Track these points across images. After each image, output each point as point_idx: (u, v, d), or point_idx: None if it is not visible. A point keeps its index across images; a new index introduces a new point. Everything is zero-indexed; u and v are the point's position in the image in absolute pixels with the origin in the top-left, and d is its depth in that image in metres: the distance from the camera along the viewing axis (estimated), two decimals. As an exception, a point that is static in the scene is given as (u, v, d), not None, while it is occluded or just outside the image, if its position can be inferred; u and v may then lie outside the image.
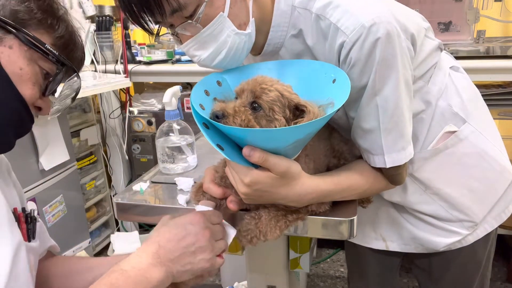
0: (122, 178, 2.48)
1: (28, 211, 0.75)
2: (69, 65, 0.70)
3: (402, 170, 0.79)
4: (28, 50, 0.65)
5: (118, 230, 2.57)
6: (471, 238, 0.96)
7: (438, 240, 0.96)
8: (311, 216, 0.79)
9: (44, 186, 1.85)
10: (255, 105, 0.66)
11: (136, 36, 2.79)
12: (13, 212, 0.70)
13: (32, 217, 0.75)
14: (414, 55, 0.78)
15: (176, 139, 1.05)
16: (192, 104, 0.69)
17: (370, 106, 0.73)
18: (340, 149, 0.85)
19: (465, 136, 0.90)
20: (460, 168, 0.92)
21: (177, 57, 2.25)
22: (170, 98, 1.05)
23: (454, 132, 0.90)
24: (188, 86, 2.47)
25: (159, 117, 2.32)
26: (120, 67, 2.24)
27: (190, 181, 0.96)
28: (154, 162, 2.35)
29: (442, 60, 0.91)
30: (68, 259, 0.90)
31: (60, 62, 0.69)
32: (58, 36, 0.69)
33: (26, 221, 0.73)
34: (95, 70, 2.31)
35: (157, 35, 0.78)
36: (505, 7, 2.10)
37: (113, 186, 2.53)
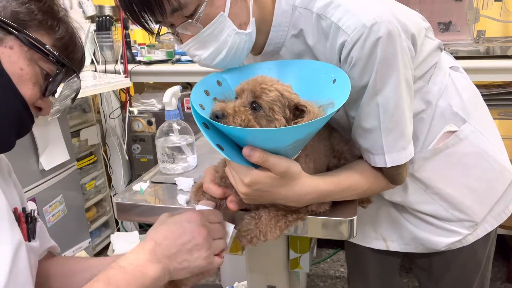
0: (122, 178, 2.48)
1: (28, 211, 0.75)
2: (69, 66, 0.71)
3: (402, 170, 0.79)
4: (28, 51, 0.65)
5: (118, 230, 2.57)
6: (471, 238, 0.96)
7: (439, 239, 0.96)
8: (311, 216, 0.79)
9: (44, 186, 1.85)
10: (255, 105, 0.66)
11: (136, 36, 2.79)
12: (13, 212, 0.70)
13: (32, 217, 0.75)
14: (415, 55, 0.78)
15: (176, 139, 1.05)
16: (192, 104, 0.68)
17: (370, 106, 0.73)
18: (340, 149, 0.85)
19: (465, 136, 0.90)
20: (460, 168, 0.92)
21: (177, 57, 2.25)
22: (170, 98, 1.05)
23: (454, 132, 0.90)
24: (188, 86, 2.47)
25: (159, 117, 2.32)
26: (120, 67, 2.24)
27: (190, 181, 0.96)
28: (154, 162, 2.35)
29: (442, 60, 0.91)
30: (68, 260, 0.90)
31: (60, 63, 0.69)
32: (59, 37, 0.69)
33: (26, 221, 0.74)
34: (95, 70, 2.31)
35: (157, 35, 0.78)
36: (505, 7, 2.10)
37: (113, 186, 2.53)
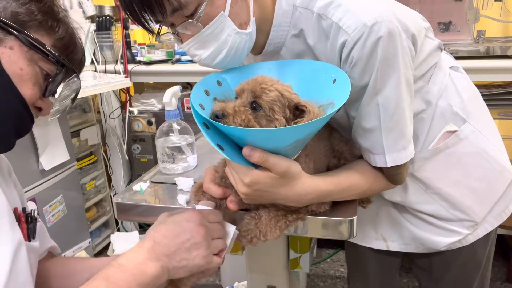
0: (122, 178, 2.48)
1: (28, 211, 0.75)
2: (69, 66, 0.71)
3: (402, 170, 0.79)
4: (28, 51, 0.65)
5: (118, 230, 2.57)
6: (472, 238, 0.96)
7: (439, 239, 0.96)
8: (311, 216, 0.79)
9: (44, 186, 1.85)
10: (255, 105, 0.66)
11: (136, 36, 2.79)
12: (13, 212, 0.70)
13: (32, 217, 0.75)
14: (415, 55, 0.78)
15: (176, 139, 1.05)
16: (192, 104, 0.68)
17: (371, 105, 0.73)
18: (340, 149, 0.85)
19: (465, 135, 0.90)
20: (460, 167, 0.92)
21: (177, 57, 2.25)
22: (170, 98, 1.05)
23: (454, 131, 0.90)
24: (188, 86, 2.47)
25: (159, 117, 2.31)
26: (120, 67, 2.24)
27: (190, 181, 0.96)
28: (154, 162, 2.35)
29: (442, 60, 0.91)
30: (67, 260, 0.90)
31: (60, 63, 0.69)
32: (59, 37, 0.69)
33: (26, 221, 0.74)
34: (95, 70, 2.31)
35: (157, 35, 0.78)
36: (505, 7, 2.10)
37: (113, 186, 2.53)
